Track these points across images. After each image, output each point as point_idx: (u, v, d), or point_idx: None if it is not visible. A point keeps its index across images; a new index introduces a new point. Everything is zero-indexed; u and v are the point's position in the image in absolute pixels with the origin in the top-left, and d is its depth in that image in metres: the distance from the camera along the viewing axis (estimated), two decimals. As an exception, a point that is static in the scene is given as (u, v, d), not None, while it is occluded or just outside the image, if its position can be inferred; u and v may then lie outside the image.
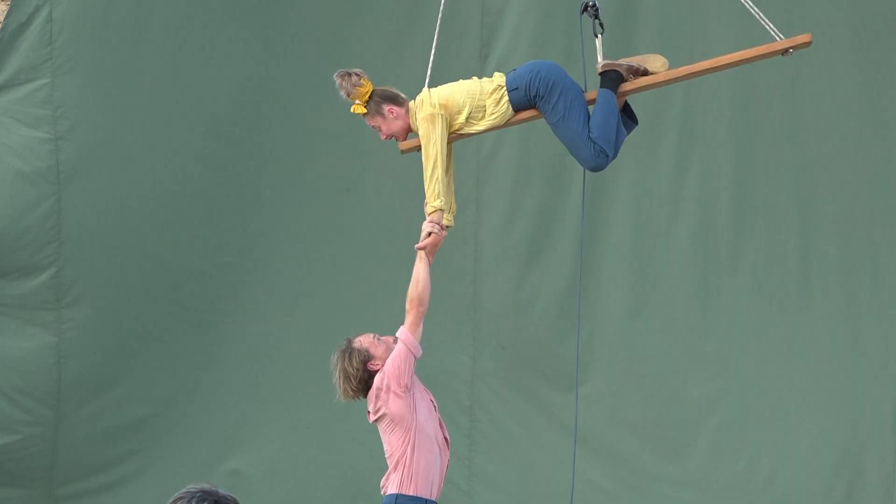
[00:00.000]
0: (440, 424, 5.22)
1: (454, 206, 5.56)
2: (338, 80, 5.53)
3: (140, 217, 7.88)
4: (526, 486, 8.07)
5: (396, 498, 5.04)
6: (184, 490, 3.95)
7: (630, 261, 8.02)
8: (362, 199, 8.14)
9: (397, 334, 5.23)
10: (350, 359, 5.26)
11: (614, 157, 5.54)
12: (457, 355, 8.05)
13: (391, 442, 5.10)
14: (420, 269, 5.31)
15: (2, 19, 7.77)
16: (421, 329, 5.21)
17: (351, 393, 5.28)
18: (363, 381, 5.23)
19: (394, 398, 5.05)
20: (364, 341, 5.31)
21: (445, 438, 5.24)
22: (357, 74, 5.50)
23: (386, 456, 5.12)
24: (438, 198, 5.38)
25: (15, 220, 7.68)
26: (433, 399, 5.26)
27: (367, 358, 5.24)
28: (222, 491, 3.85)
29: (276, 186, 8.06)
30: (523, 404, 8.04)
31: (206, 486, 3.92)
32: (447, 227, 5.41)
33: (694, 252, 7.99)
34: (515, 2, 7.91)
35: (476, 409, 7.97)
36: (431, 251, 5.37)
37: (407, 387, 5.06)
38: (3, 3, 8.19)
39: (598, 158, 5.50)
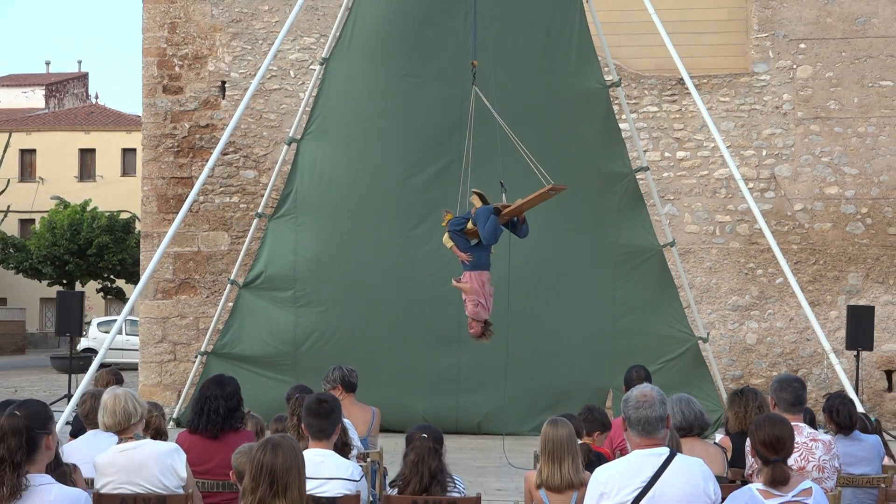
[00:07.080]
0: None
1: None
2: (443, 213, 11.93)
3: (334, 275, 15.87)
4: None
5: None
6: (328, 370, 7.61)
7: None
8: None
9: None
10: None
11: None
12: None
13: None
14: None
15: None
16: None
17: None
18: None
19: None
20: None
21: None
22: (447, 211, 11.83)
23: None
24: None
25: (280, 264, 15.92)
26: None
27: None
28: (346, 367, 7.41)
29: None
30: None
31: (337, 365, 7.61)
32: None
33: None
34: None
35: None
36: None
37: None
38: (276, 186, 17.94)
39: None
